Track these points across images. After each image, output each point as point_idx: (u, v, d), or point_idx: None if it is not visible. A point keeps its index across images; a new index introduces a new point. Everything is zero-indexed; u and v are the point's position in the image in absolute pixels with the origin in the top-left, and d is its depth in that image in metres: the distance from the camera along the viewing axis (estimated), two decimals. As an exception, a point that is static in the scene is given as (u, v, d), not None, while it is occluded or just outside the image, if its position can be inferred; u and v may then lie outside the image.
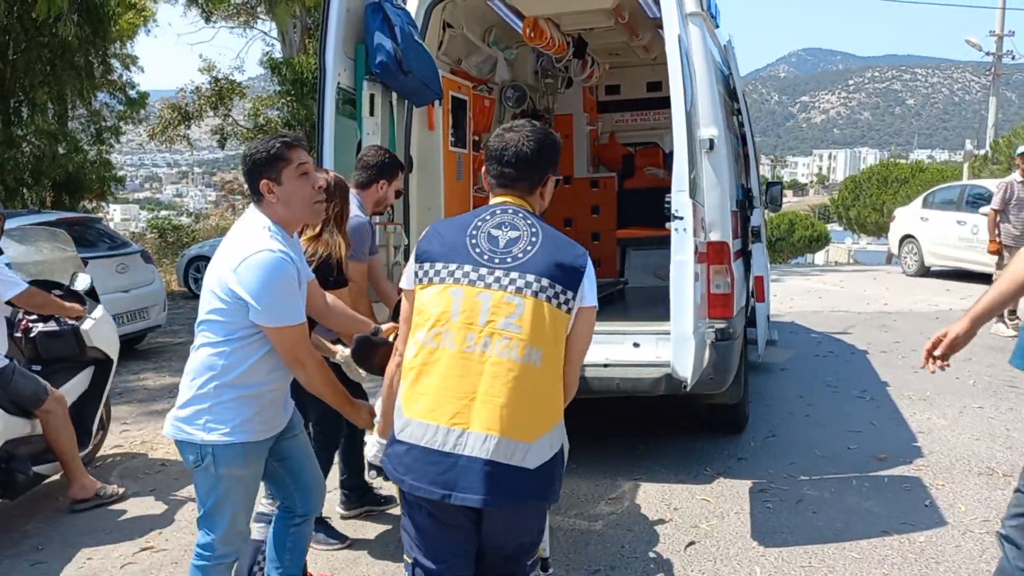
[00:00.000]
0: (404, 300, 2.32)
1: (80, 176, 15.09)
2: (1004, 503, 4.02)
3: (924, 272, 13.07)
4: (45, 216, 8.90)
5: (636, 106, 8.32)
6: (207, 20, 19.82)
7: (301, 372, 2.52)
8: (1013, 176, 8.29)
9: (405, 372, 2.16)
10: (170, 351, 8.98)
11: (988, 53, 27.75)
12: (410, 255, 2.36)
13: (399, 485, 2.13)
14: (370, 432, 2.62)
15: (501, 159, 2.25)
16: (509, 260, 2.12)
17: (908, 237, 13.41)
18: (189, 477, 3.24)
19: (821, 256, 29.49)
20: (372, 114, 4.60)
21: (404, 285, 2.29)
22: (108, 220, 13.72)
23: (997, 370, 6.72)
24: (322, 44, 4.24)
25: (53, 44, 13.62)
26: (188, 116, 19.87)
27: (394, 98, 4.82)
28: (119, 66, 16.97)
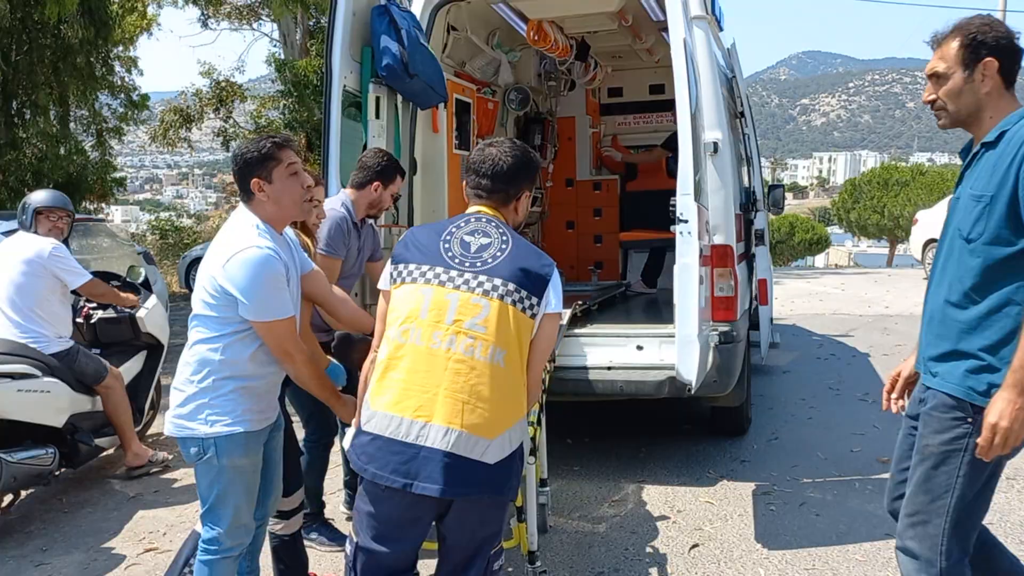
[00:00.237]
0: (381, 299, 2.42)
1: (81, 177, 15.10)
2: (1006, 506, 4.04)
3: None
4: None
5: (639, 109, 8.33)
6: (204, 24, 19.88)
7: (290, 365, 2.59)
8: None
9: (375, 367, 2.26)
10: (173, 351, 8.95)
11: (989, 56, 27.74)
12: None
13: (362, 474, 2.20)
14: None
15: (479, 171, 2.38)
16: (479, 264, 2.23)
17: (933, 241, 11.87)
18: (192, 478, 3.26)
19: (821, 259, 29.51)
20: (378, 117, 4.62)
21: (381, 286, 2.41)
22: (108, 221, 13.72)
23: (999, 373, 6.73)
24: (328, 47, 4.25)
25: (56, 46, 13.66)
26: (189, 119, 19.89)
27: (399, 101, 4.83)
28: (120, 68, 17.00)
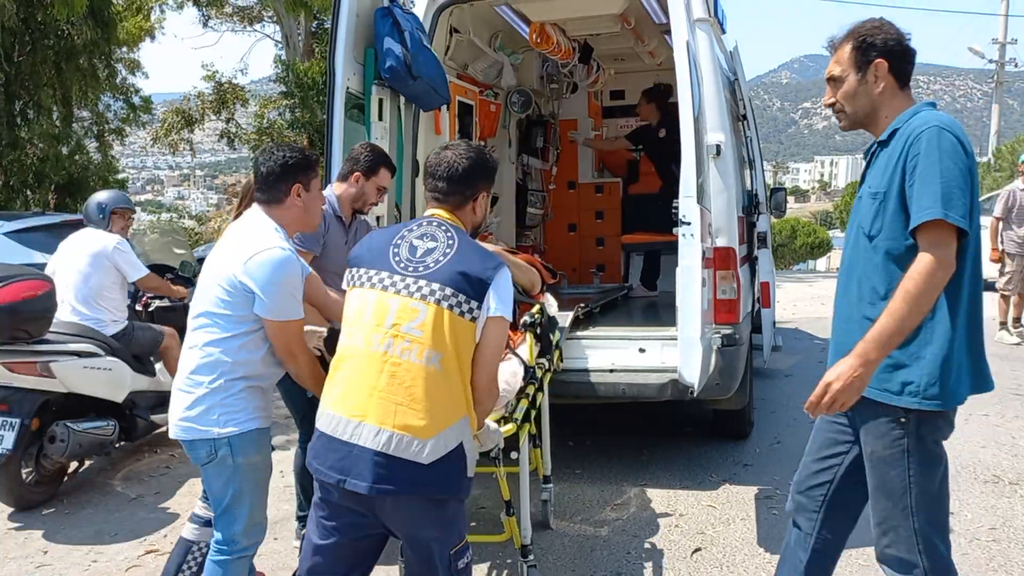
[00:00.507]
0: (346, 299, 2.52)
1: (83, 178, 15.12)
2: (1008, 512, 4.02)
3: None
4: (49, 218, 8.89)
5: None
6: (205, 25, 19.94)
7: (292, 365, 2.65)
8: (1016, 184, 8.29)
9: (330, 366, 2.37)
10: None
11: (991, 61, 27.82)
12: None
13: (310, 468, 2.32)
14: None
15: (435, 175, 2.45)
16: (421, 269, 2.29)
17: None
18: (193, 479, 3.25)
19: (823, 262, 29.42)
20: (380, 118, 4.62)
21: (343, 286, 2.49)
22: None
23: (1002, 378, 6.71)
24: (331, 49, 4.24)
25: (59, 47, 13.67)
26: (191, 121, 19.93)
27: (402, 102, 4.82)
28: (123, 70, 17.03)
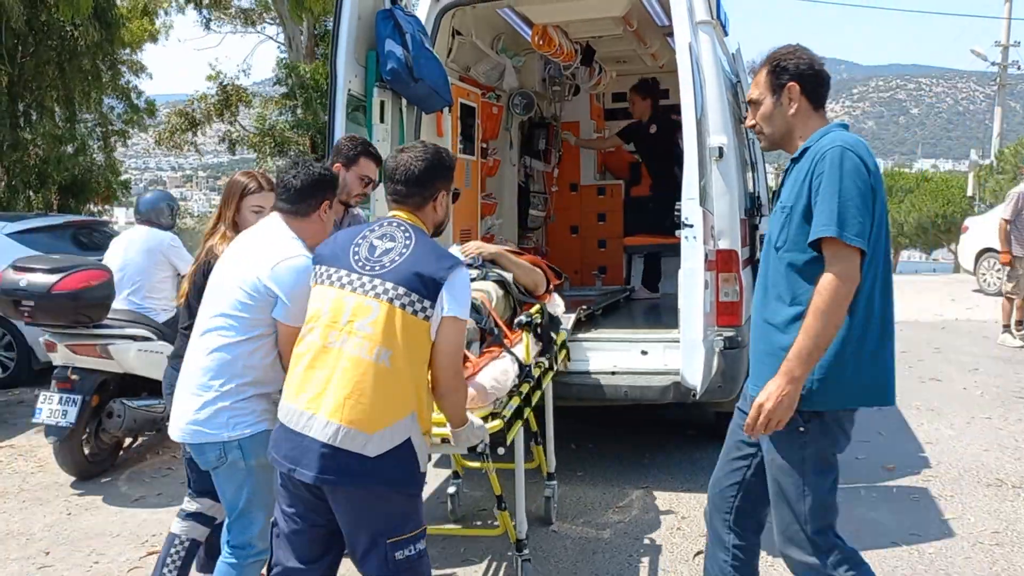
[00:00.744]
0: None
1: (86, 179, 15.15)
2: (1012, 515, 4.02)
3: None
4: (52, 219, 8.91)
5: None
6: (206, 27, 19.99)
7: None
8: (1023, 186, 8.26)
9: (291, 360, 2.44)
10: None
11: (993, 63, 27.80)
12: None
13: (268, 457, 2.41)
14: None
15: (393, 178, 2.48)
16: (377, 268, 2.34)
17: (989, 251, 11.56)
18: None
19: (825, 265, 29.47)
20: (382, 121, 4.62)
21: (308, 283, 2.54)
22: (113, 223, 13.75)
23: (1005, 381, 6.70)
24: (333, 51, 4.25)
25: (62, 48, 13.71)
26: (195, 123, 19.98)
27: (404, 105, 4.82)
28: (127, 71, 17.07)
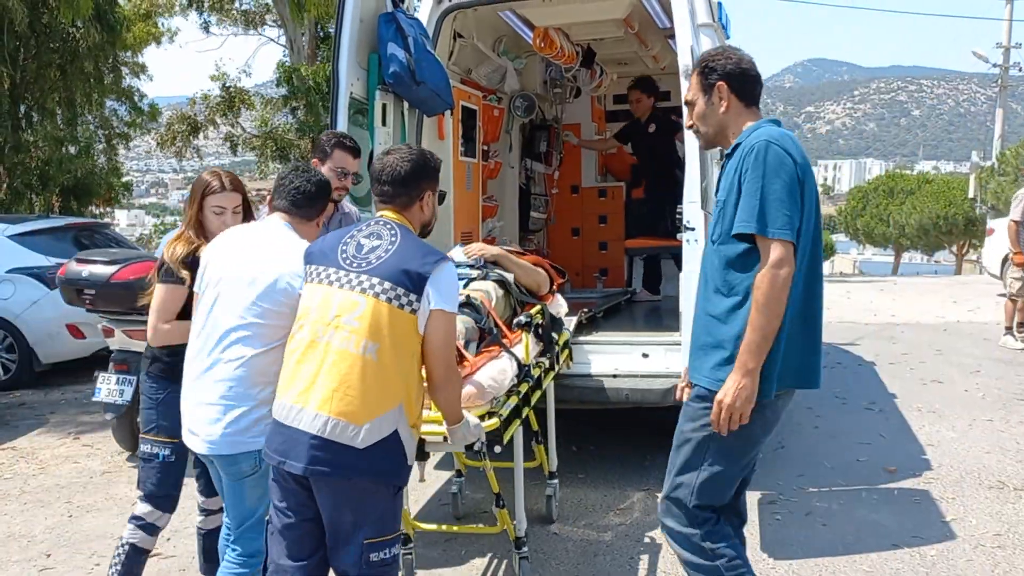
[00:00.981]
0: None
1: (88, 182, 15.17)
2: (1015, 517, 4.01)
3: None
4: (53, 221, 8.93)
5: None
6: (206, 30, 20.01)
7: None
8: None
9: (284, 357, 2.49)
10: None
11: (994, 65, 27.80)
12: None
13: (263, 454, 2.46)
14: None
15: (380, 179, 2.54)
16: (364, 265, 2.40)
17: None
18: (194, 483, 3.26)
19: (827, 267, 29.46)
20: (384, 123, 4.63)
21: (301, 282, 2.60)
22: (115, 225, 13.78)
23: (1007, 383, 6.70)
24: (335, 54, 4.26)
25: (64, 50, 13.73)
26: (197, 127, 19.99)
27: (405, 107, 4.83)
28: (128, 74, 17.09)
